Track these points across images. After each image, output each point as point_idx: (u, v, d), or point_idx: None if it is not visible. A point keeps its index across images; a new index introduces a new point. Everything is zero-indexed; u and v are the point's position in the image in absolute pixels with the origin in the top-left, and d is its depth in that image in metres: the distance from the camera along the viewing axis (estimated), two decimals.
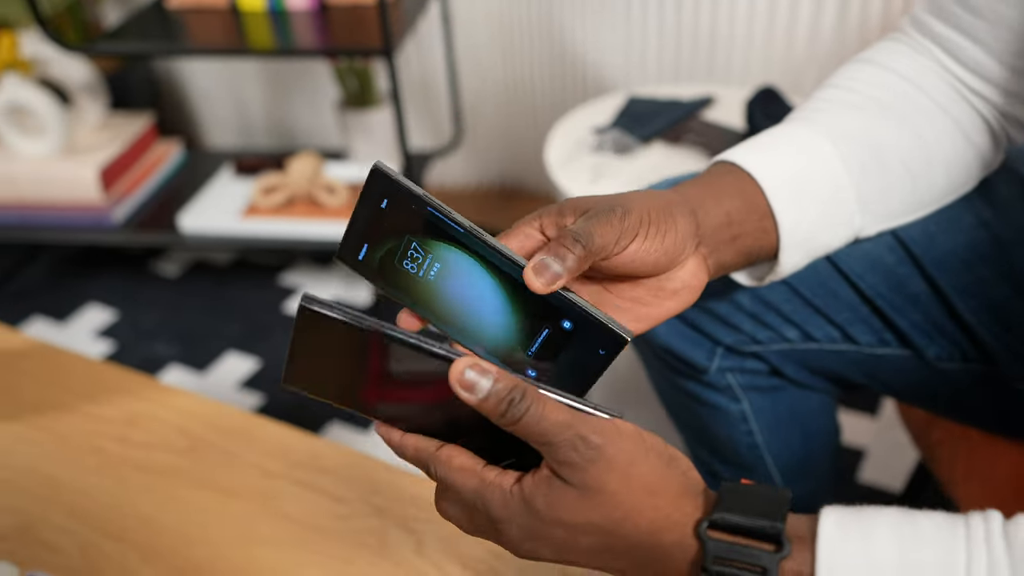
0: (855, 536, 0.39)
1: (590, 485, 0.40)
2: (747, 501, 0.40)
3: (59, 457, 0.77)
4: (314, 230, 1.63)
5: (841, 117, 0.59)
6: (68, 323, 1.76)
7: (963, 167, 0.62)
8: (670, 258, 0.49)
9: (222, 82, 2.12)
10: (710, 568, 0.40)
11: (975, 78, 0.60)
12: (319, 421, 1.47)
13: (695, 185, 0.54)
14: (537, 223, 0.48)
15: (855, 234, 0.60)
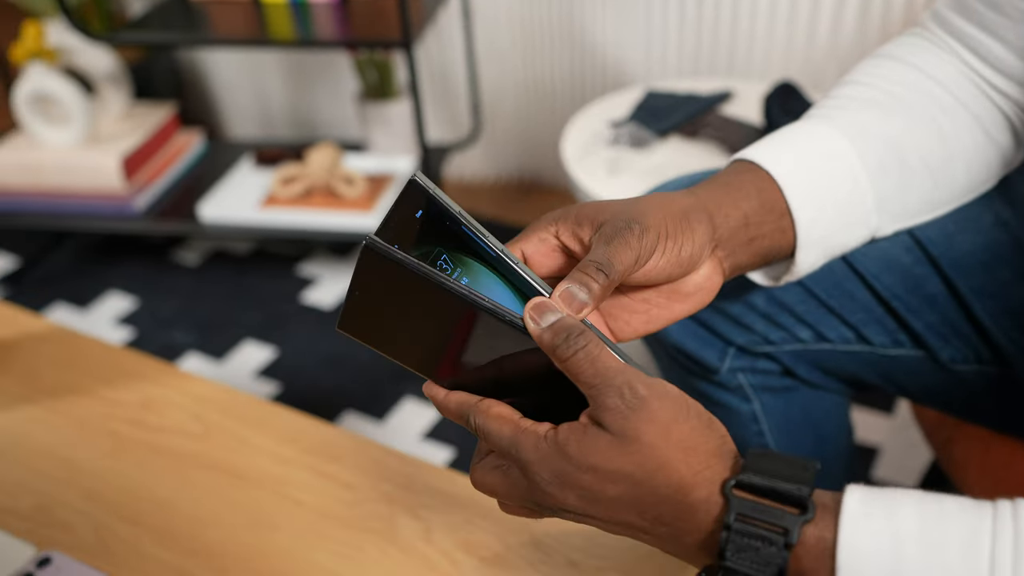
0: (879, 510, 0.39)
1: (628, 433, 0.41)
2: (775, 466, 0.41)
3: (76, 440, 0.78)
4: (332, 221, 1.64)
5: (860, 114, 0.59)
6: (90, 310, 1.78)
7: (983, 164, 0.62)
8: (686, 268, 0.49)
9: (244, 73, 2.13)
10: (732, 524, 0.40)
11: (997, 75, 0.59)
12: (334, 410, 1.48)
13: (713, 186, 0.54)
14: (553, 228, 0.48)
15: (872, 233, 0.59)
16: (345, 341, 1.63)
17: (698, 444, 0.42)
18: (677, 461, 0.41)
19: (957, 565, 0.37)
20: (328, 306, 1.74)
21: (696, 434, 0.42)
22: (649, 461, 0.41)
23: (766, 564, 0.39)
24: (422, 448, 1.40)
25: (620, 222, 0.47)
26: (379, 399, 1.50)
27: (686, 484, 0.41)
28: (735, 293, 0.68)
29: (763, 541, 0.39)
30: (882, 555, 0.38)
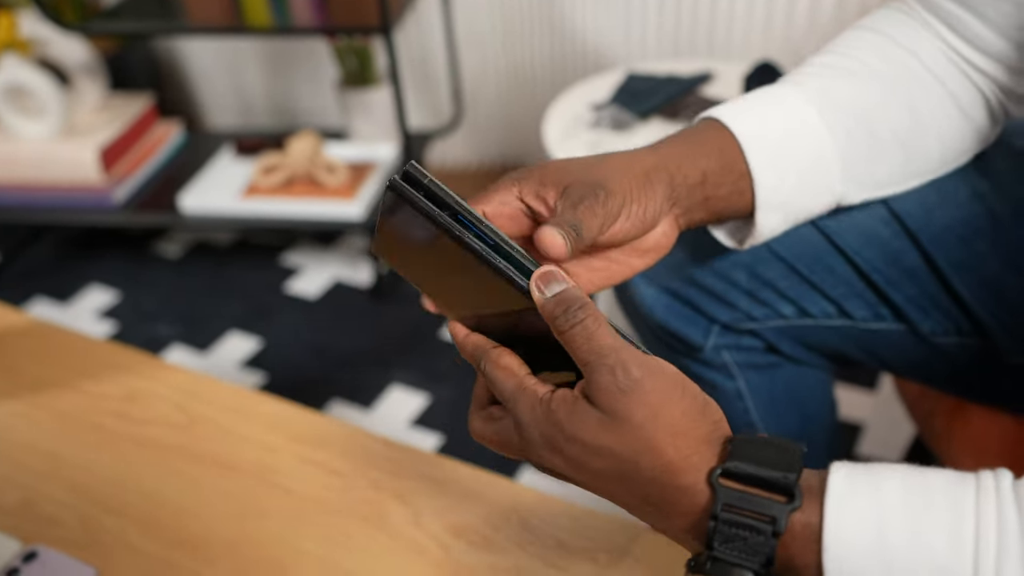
0: (864, 490, 0.39)
1: (617, 413, 0.41)
2: (761, 453, 0.41)
3: (59, 434, 0.78)
4: (314, 209, 1.63)
5: (832, 82, 0.60)
6: (70, 304, 1.76)
7: (957, 139, 0.62)
8: (648, 227, 0.51)
9: (221, 62, 2.11)
10: (719, 515, 0.40)
11: (975, 52, 0.60)
12: (321, 399, 1.48)
13: (676, 143, 0.55)
14: (516, 189, 0.49)
15: (837, 201, 0.60)
16: (329, 330, 1.63)
17: (688, 429, 0.41)
18: (665, 444, 0.41)
19: (942, 547, 0.37)
20: (312, 295, 1.74)
21: (687, 418, 0.41)
22: (636, 442, 0.41)
23: (754, 553, 0.39)
24: (410, 435, 1.40)
25: (585, 187, 0.48)
26: (366, 387, 1.50)
27: (673, 467, 0.41)
28: (717, 271, 0.68)
29: (751, 531, 0.39)
30: (867, 538, 0.38)
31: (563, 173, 0.49)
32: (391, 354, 1.57)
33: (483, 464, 0.76)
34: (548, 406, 0.42)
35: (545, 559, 0.64)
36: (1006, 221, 0.65)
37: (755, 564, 0.39)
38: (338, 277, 1.78)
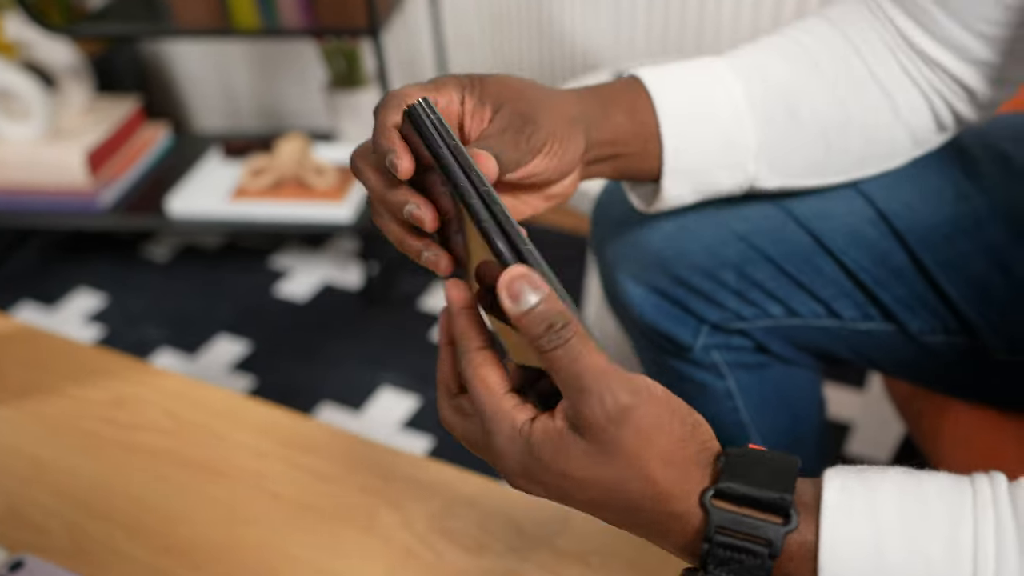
0: (859, 504, 0.38)
1: (607, 445, 0.38)
2: (754, 470, 0.39)
3: (45, 439, 0.77)
4: (303, 212, 1.63)
5: (768, 61, 0.60)
6: (58, 308, 1.75)
7: (886, 142, 0.62)
8: (563, 172, 0.52)
9: (209, 64, 2.10)
10: (713, 538, 0.39)
11: (935, 44, 0.58)
12: (311, 403, 1.47)
13: (594, 97, 0.55)
14: (459, 95, 0.50)
15: (750, 182, 0.62)
16: (319, 333, 1.62)
17: (679, 454, 0.39)
18: (656, 473, 0.39)
19: (939, 557, 0.37)
20: (301, 298, 1.73)
21: (678, 444, 0.39)
22: (627, 471, 0.39)
23: (750, 575, 0.39)
24: (400, 438, 1.40)
25: (516, 117, 0.49)
26: (356, 390, 1.50)
27: (665, 495, 0.39)
28: (707, 271, 0.68)
29: (746, 553, 0.38)
30: (864, 552, 0.38)
31: (501, 93, 0.50)
32: (381, 356, 1.57)
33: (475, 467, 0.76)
34: (528, 440, 0.40)
35: (537, 562, 0.64)
36: (990, 221, 0.65)
37: None
38: (327, 280, 1.78)
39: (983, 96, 0.60)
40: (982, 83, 0.59)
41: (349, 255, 1.85)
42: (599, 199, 0.76)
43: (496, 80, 0.50)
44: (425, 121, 0.44)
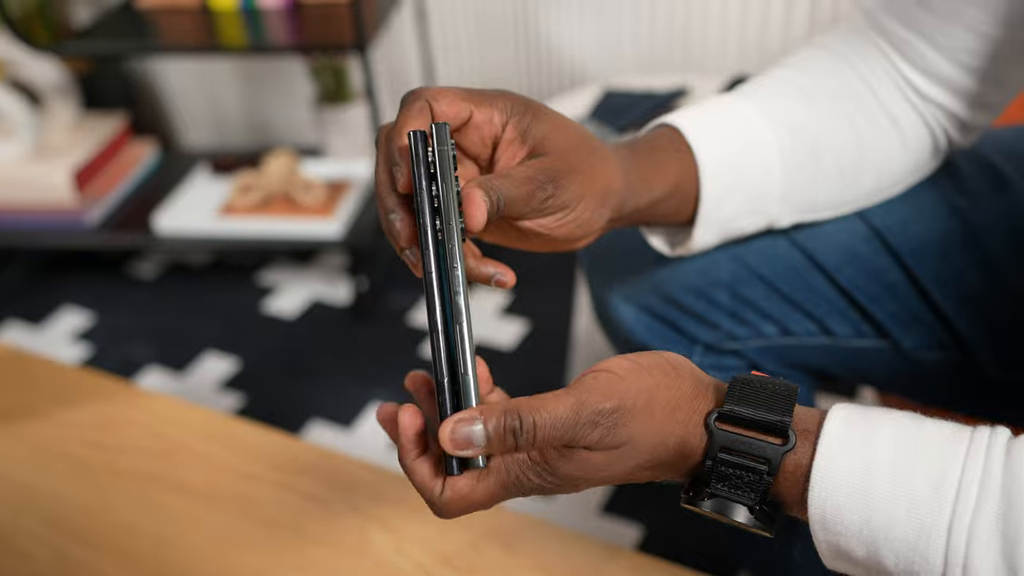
0: (857, 437, 0.40)
1: (620, 442, 0.41)
2: (757, 394, 0.42)
3: (32, 464, 0.76)
4: (292, 228, 1.62)
5: (788, 102, 0.61)
6: (44, 327, 1.73)
7: (895, 172, 0.64)
8: (569, 239, 0.51)
9: (195, 81, 2.09)
10: (717, 456, 0.41)
11: (925, 79, 0.60)
12: (299, 422, 1.46)
13: (641, 165, 0.55)
14: (502, 120, 0.48)
15: (769, 223, 0.62)
16: (308, 350, 1.61)
17: (678, 399, 0.42)
18: (669, 428, 0.42)
19: (924, 495, 0.38)
20: (289, 314, 1.72)
21: (671, 391, 0.42)
22: (646, 441, 0.41)
23: (749, 490, 0.41)
24: (391, 456, 1.39)
25: (545, 173, 0.47)
26: (346, 407, 1.49)
27: (682, 438, 0.42)
28: (699, 292, 0.68)
29: (746, 471, 0.41)
30: (853, 480, 0.39)
31: (547, 140, 0.48)
32: (371, 372, 1.56)
33: None
34: (545, 461, 0.41)
35: None
36: (983, 235, 0.65)
37: (750, 500, 0.41)
38: (316, 296, 1.77)
39: (970, 121, 0.62)
40: (968, 110, 0.61)
41: (337, 271, 1.84)
42: None
43: (550, 122, 0.49)
44: (418, 153, 0.43)
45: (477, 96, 0.47)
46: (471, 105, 0.46)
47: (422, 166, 0.43)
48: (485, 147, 0.49)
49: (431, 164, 0.43)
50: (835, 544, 0.40)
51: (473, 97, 0.47)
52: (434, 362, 0.42)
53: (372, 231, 1.62)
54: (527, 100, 0.48)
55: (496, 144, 0.49)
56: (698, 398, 0.43)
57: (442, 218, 0.42)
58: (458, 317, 0.42)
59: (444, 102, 0.45)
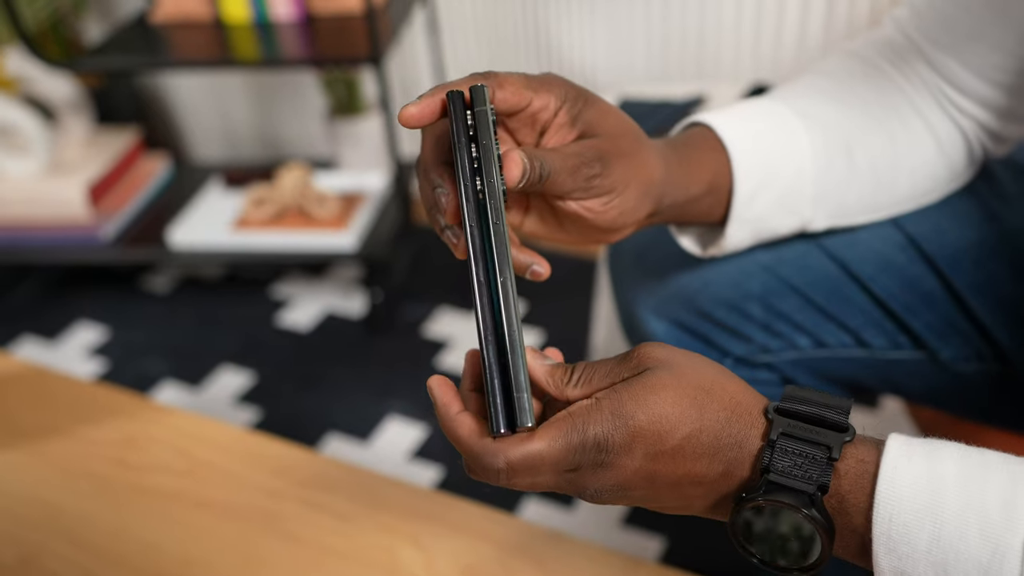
0: (921, 448, 0.39)
1: (694, 387, 0.41)
2: (814, 396, 0.42)
3: (56, 483, 0.75)
4: (306, 241, 1.61)
5: (821, 104, 0.60)
6: (59, 342, 1.73)
7: (929, 177, 0.63)
8: (609, 227, 0.50)
9: (208, 95, 2.10)
10: (776, 441, 0.40)
11: (958, 94, 0.60)
12: (316, 435, 1.45)
13: (680, 163, 0.55)
14: (557, 104, 0.47)
15: (802, 225, 0.62)
16: (323, 362, 1.60)
17: (725, 373, 0.42)
18: (724, 383, 0.42)
19: (995, 511, 0.37)
20: (304, 327, 1.72)
21: (722, 374, 0.42)
22: (702, 379, 0.41)
23: (808, 479, 0.39)
24: (409, 468, 1.38)
25: (593, 152, 0.47)
26: (363, 420, 1.48)
27: (736, 402, 0.41)
28: (731, 304, 0.67)
29: (806, 458, 0.39)
30: (920, 489, 0.38)
31: (598, 125, 0.49)
32: (387, 385, 1.55)
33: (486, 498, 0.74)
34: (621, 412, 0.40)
35: None
36: (1021, 242, 0.64)
37: (810, 488, 0.39)
38: (330, 308, 1.76)
39: (1004, 133, 0.62)
40: (1000, 122, 0.61)
41: (351, 283, 1.84)
42: None
43: (600, 109, 0.49)
44: (457, 113, 0.43)
45: (536, 83, 0.47)
46: (531, 93, 0.46)
47: (461, 125, 0.43)
48: (534, 132, 0.49)
49: (470, 127, 0.43)
50: (898, 568, 0.38)
51: (533, 84, 0.47)
52: (477, 319, 0.41)
53: (386, 242, 1.61)
54: (578, 86, 0.49)
55: (544, 130, 0.49)
56: (753, 394, 0.42)
57: (483, 178, 0.42)
58: (502, 271, 0.41)
59: (509, 90, 0.46)
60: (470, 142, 0.42)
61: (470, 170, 0.42)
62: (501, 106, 0.46)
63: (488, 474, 0.40)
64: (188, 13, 1.66)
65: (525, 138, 0.49)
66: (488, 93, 0.43)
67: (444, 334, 1.65)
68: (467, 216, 0.42)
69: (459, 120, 0.43)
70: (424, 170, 0.46)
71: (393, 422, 1.47)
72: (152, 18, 1.67)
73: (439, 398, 0.42)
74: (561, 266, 1.79)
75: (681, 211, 0.56)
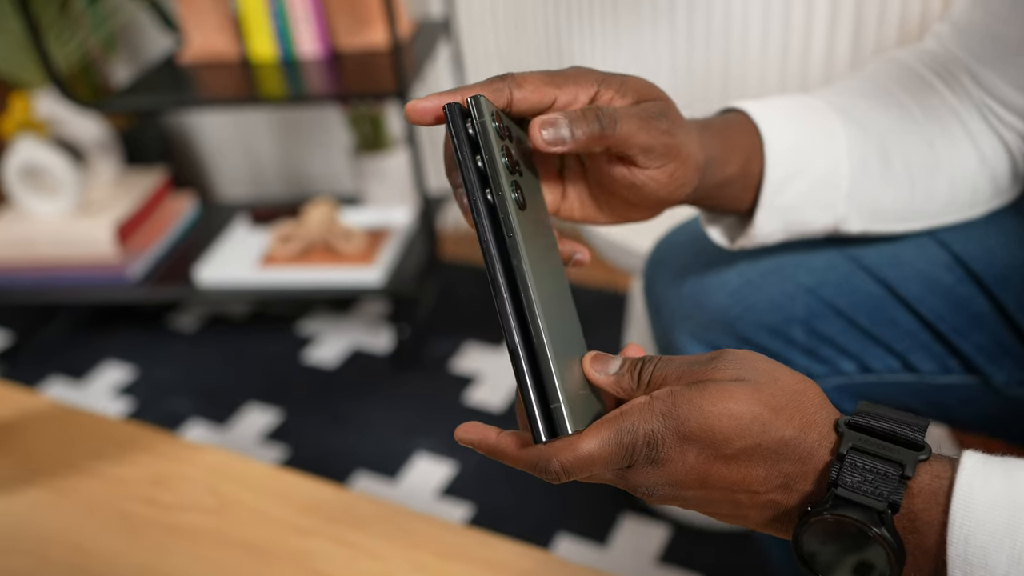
0: (998, 467, 0.37)
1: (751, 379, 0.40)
2: (888, 413, 0.40)
3: (85, 524, 0.74)
4: (333, 276, 1.61)
5: (866, 107, 0.59)
6: (87, 382, 1.74)
7: (969, 186, 0.61)
8: (662, 198, 0.49)
9: (235, 135, 2.12)
10: (846, 455, 0.38)
11: (998, 104, 0.59)
12: (344, 472, 1.44)
13: (716, 142, 0.53)
14: (594, 90, 0.46)
15: (837, 224, 0.60)
16: (350, 399, 1.59)
17: (806, 389, 0.41)
18: (796, 399, 0.40)
19: None
20: (330, 364, 1.71)
21: (800, 382, 0.41)
22: (772, 399, 0.39)
23: (879, 495, 0.37)
24: (439, 507, 1.36)
25: (658, 106, 0.46)
26: (391, 457, 1.46)
27: (805, 423, 0.39)
28: (773, 329, 0.65)
29: (877, 474, 0.38)
30: (999, 509, 0.36)
31: (647, 91, 0.47)
32: (415, 421, 1.53)
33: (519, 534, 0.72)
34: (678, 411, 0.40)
35: None
36: None
37: (880, 505, 0.37)
38: (357, 344, 1.75)
39: None
40: None
41: (377, 319, 1.83)
42: (653, 253, 0.74)
43: (645, 82, 0.48)
44: (457, 125, 0.42)
45: (560, 78, 0.45)
46: (554, 89, 0.45)
47: (462, 137, 0.41)
48: None
49: (472, 137, 0.42)
50: None
51: (555, 79, 0.45)
52: (503, 330, 0.40)
53: (413, 278, 1.60)
54: (610, 72, 0.48)
55: None
56: (826, 407, 0.41)
57: (492, 187, 0.41)
58: (523, 284, 0.40)
59: (529, 88, 0.44)
60: (475, 154, 0.41)
61: (478, 183, 0.41)
62: (522, 105, 0.44)
63: (548, 476, 0.40)
64: (216, 53, 1.68)
65: None
66: (485, 102, 0.42)
67: (471, 369, 1.63)
68: (481, 231, 0.41)
69: (459, 133, 0.41)
70: (447, 169, 0.46)
71: (421, 459, 1.45)
72: (180, 59, 1.70)
73: (473, 440, 0.42)
74: (588, 299, 1.77)
75: (714, 193, 0.54)
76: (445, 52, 1.77)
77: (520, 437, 0.41)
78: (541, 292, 0.41)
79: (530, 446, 0.40)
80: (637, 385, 0.42)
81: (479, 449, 0.42)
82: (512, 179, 0.42)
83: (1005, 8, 0.56)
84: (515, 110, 0.44)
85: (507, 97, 0.44)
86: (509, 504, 1.32)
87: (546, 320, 0.40)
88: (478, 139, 0.41)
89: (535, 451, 0.40)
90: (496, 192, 0.41)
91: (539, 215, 0.46)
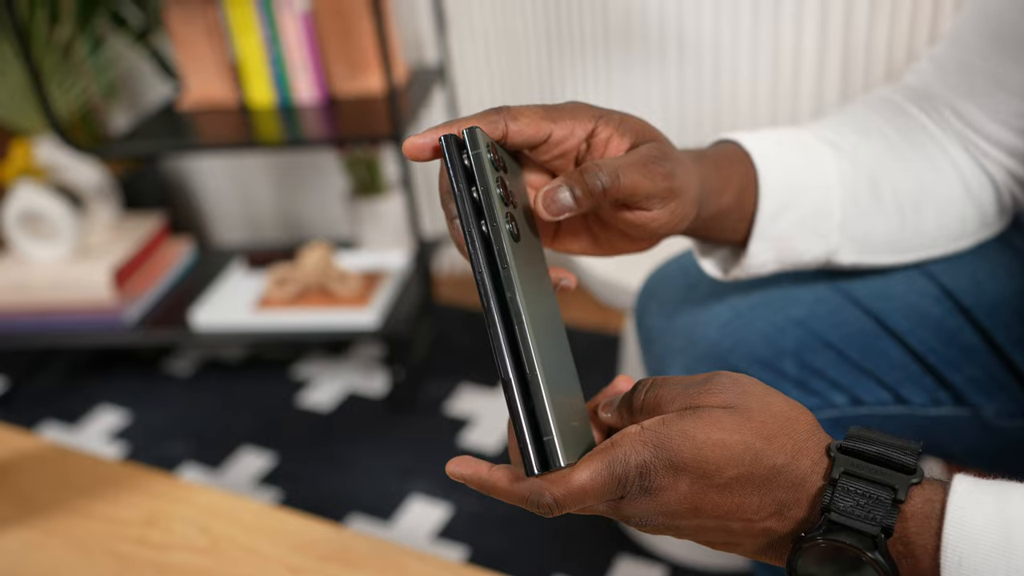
0: (990, 489, 0.37)
1: (744, 407, 0.40)
2: (880, 437, 0.40)
3: (76, 564, 0.74)
4: (329, 319, 1.62)
5: (850, 137, 0.61)
6: (81, 426, 1.73)
7: (957, 219, 0.62)
8: (662, 234, 0.49)
9: (232, 180, 2.14)
10: (838, 479, 0.38)
11: (979, 138, 0.60)
12: (340, 514, 1.42)
13: (712, 173, 0.54)
14: (591, 125, 0.46)
15: (829, 254, 0.61)
16: (345, 442, 1.58)
17: (798, 416, 0.41)
18: (786, 428, 0.40)
19: None
20: (325, 407, 1.70)
21: (792, 408, 0.41)
22: (763, 427, 0.40)
23: (872, 520, 0.37)
24: (434, 549, 1.34)
25: (658, 149, 0.47)
26: (386, 499, 1.45)
27: (797, 451, 0.40)
28: (764, 361, 0.66)
29: (869, 498, 0.38)
30: (991, 531, 0.36)
31: (644, 131, 0.48)
32: (410, 464, 1.52)
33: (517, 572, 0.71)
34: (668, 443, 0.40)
35: None
36: None
37: (873, 530, 0.38)
38: (352, 387, 1.75)
39: None
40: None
41: (372, 361, 1.83)
42: (644, 287, 0.75)
43: (640, 120, 0.48)
44: (452, 157, 0.42)
45: (556, 112, 0.46)
46: (550, 123, 0.45)
47: (458, 169, 0.42)
48: (568, 161, 0.48)
49: (467, 169, 0.42)
50: None
51: (552, 114, 0.46)
52: (497, 363, 0.41)
53: (408, 320, 1.61)
54: (608, 109, 0.48)
55: (579, 157, 0.48)
56: (818, 431, 0.41)
57: (486, 219, 0.41)
58: (516, 317, 0.40)
59: (524, 121, 0.45)
60: (470, 186, 0.42)
61: (473, 215, 0.42)
62: (517, 138, 0.45)
63: (541, 509, 0.40)
64: (214, 99, 1.70)
65: (559, 167, 0.48)
66: (480, 134, 0.42)
67: (467, 411, 1.63)
68: (476, 262, 0.41)
69: (455, 164, 0.42)
70: (443, 201, 0.46)
71: (416, 502, 1.44)
72: (179, 105, 1.72)
73: (465, 474, 0.42)
74: (582, 341, 1.77)
75: (709, 224, 0.55)
76: (440, 97, 1.80)
77: (512, 471, 0.41)
78: (535, 324, 0.41)
79: (522, 480, 0.40)
80: (631, 412, 0.42)
81: (471, 484, 0.42)
82: (507, 210, 0.42)
83: (983, 43, 0.58)
84: (510, 143, 0.45)
85: (503, 129, 0.44)
86: (504, 547, 1.31)
87: (539, 352, 0.40)
88: (473, 170, 0.42)
89: (527, 484, 0.40)
90: (491, 224, 0.41)
91: (533, 245, 0.46)
